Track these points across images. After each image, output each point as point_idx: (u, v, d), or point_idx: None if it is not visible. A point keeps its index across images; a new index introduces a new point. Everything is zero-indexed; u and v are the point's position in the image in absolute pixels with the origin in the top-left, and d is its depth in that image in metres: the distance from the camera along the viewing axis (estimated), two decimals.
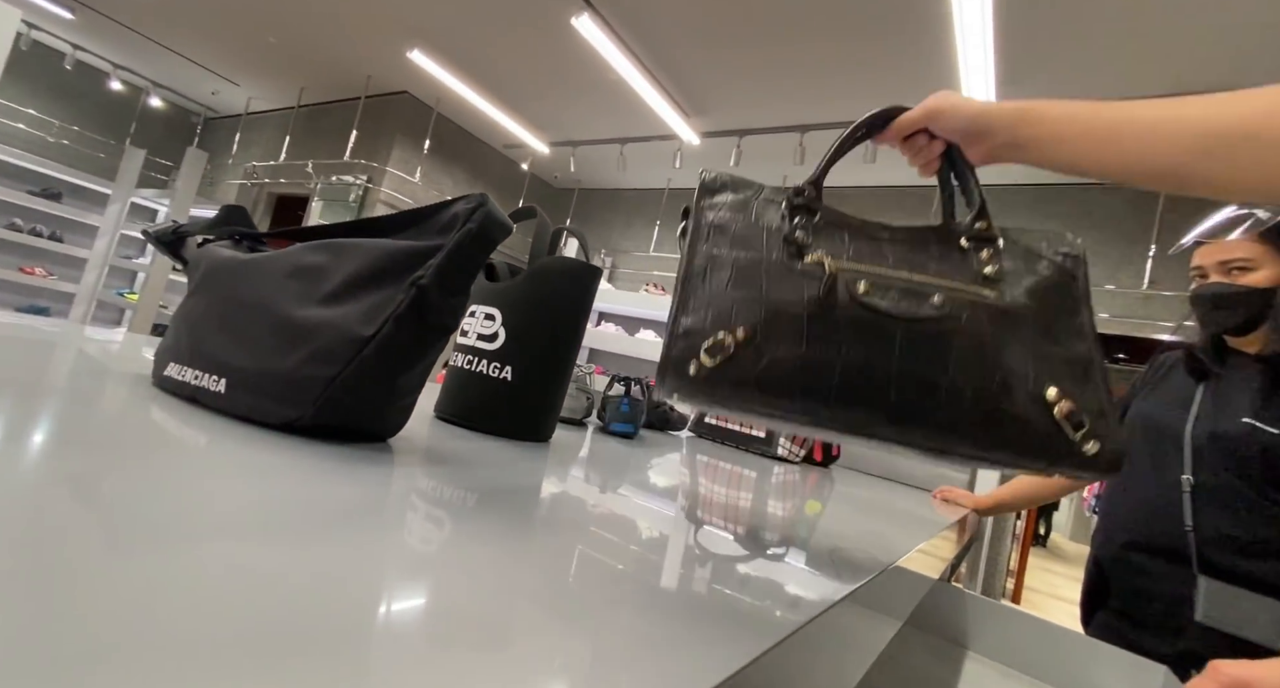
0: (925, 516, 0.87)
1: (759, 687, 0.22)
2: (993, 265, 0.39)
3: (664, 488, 0.56)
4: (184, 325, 0.41)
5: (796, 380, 0.37)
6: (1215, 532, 0.78)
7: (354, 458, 0.35)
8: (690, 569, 0.32)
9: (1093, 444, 0.35)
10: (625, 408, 0.93)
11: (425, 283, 0.39)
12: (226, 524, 0.21)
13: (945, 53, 2.86)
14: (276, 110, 5.83)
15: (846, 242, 0.41)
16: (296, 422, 0.36)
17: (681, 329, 0.39)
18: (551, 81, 4.06)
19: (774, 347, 0.37)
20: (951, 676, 0.80)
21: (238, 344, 0.38)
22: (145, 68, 5.47)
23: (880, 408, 0.36)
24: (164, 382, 0.40)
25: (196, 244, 0.49)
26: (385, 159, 4.75)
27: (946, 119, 0.45)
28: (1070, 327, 0.38)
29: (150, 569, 0.16)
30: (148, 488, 0.23)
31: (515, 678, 0.16)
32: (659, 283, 4.83)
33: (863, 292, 0.38)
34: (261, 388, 0.36)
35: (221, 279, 0.41)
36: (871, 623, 0.39)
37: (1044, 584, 4.66)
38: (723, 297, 0.39)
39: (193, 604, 0.15)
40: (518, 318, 0.60)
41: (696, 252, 0.42)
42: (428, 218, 0.43)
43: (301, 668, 0.13)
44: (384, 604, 0.18)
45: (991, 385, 0.35)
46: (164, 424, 0.35)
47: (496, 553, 0.26)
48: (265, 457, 0.32)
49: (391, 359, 0.38)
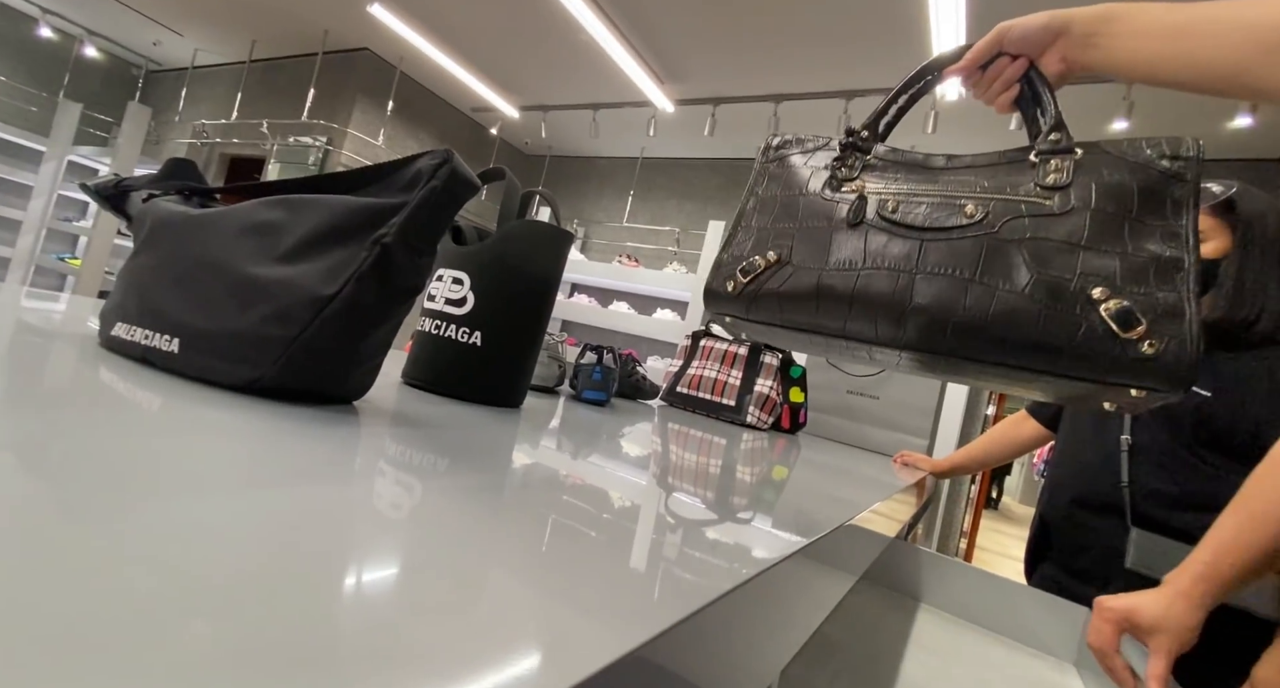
0: (884, 479, 0.91)
1: (718, 630, 0.23)
2: (1058, 174, 0.38)
3: (633, 452, 0.56)
4: (131, 283, 0.39)
5: (818, 292, 0.38)
6: (1148, 487, 0.83)
7: (317, 419, 0.35)
8: (654, 527, 0.33)
9: (1149, 345, 0.32)
10: (597, 376, 0.93)
11: (389, 241, 0.38)
12: (184, 482, 0.21)
13: (918, 24, 2.85)
14: (226, 65, 5.47)
15: (897, 174, 0.42)
16: (255, 383, 0.35)
17: (722, 260, 0.44)
18: (520, 42, 3.90)
19: (801, 264, 0.40)
20: (905, 625, 0.85)
21: (191, 303, 0.36)
22: (77, 13, 5.04)
23: (901, 315, 0.36)
24: (111, 342, 0.39)
25: (141, 199, 0.47)
26: (346, 120, 4.53)
27: (1021, 28, 0.45)
28: (1150, 229, 0.35)
29: (106, 529, 0.16)
30: (99, 448, 0.22)
31: (481, 622, 0.16)
32: (632, 254, 4.79)
33: (891, 209, 0.39)
34: (218, 348, 0.35)
35: (171, 235, 0.39)
36: (827, 576, 0.41)
37: (995, 544, 4.95)
38: (763, 229, 0.43)
39: (151, 562, 0.15)
40: (487, 282, 0.60)
41: (749, 196, 0.46)
42: (390, 174, 0.41)
43: (260, 621, 0.13)
44: (346, 557, 0.18)
45: (1024, 287, 0.34)
46: (114, 385, 0.34)
47: (462, 507, 0.26)
48: (223, 416, 0.31)
49: (354, 320, 0.37)
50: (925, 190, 0.40)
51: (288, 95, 4.81)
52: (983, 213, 0.37)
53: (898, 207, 0.39)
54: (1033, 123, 0.44)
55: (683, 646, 0.20)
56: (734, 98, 3.93)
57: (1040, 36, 0.44)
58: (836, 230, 0.40)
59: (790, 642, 0.36)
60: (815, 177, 0.43)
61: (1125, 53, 0.42)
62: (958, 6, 2.58)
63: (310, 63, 4.63)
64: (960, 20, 2.67)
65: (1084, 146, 0.39)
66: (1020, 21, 0.45)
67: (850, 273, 0.38)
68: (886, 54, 3.19)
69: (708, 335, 1.41)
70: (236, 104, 4.94)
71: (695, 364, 1.36)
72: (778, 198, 0.43)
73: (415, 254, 0.40)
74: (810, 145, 0.46)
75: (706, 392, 1.29)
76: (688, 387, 1.32)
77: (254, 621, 0.13)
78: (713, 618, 0.22)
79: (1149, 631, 0.56)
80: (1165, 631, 0.55)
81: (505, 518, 0.27)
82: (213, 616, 0.13)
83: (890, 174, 0.42)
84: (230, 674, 0.11)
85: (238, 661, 0.11)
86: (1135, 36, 0.42)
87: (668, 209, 5.32)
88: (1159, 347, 0.32)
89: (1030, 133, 0.43)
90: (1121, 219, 0.36)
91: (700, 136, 3.99)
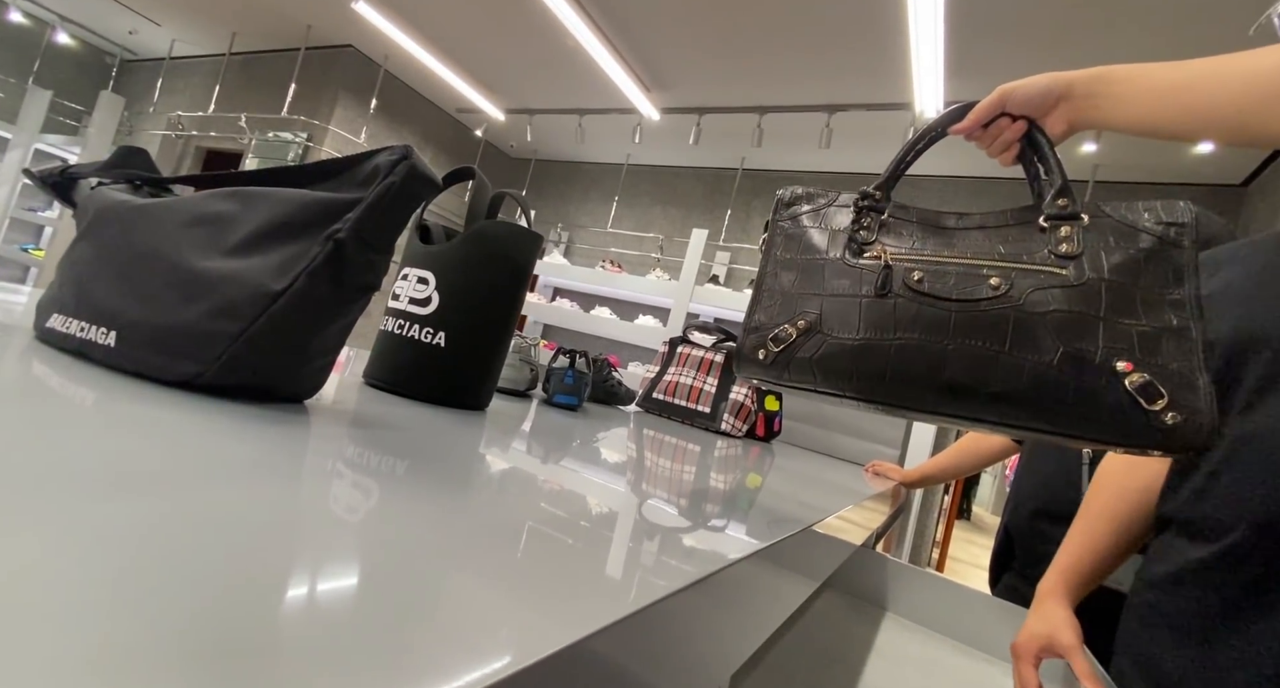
0: (852, 487, 0.91)
1: (667, 628, 0.23)
2: (1069, 243, 0.39)
3: (600, 458, 0.56)
4: (70, 274, 0.38)
5: (853, 363, 0.40)
6: None
7: (261, 417, 0.34)
8: (613, 528, 0.32)
9: (1173, 416, 0.33)
10: (569, 380, 0.92)
11: (343, 237, 0.37)
12: (110, 480, 0.20)
13: (899, 41, 2.91)
14: (205, 57, 5.37)
15: (913, 234, 0.43)
16: (196, 379, 0.34)
17: (752, 325, 0.45)
18: (507, 44, 3.90)
19: (832, 334, 0.41)
20: (869, 633, 0.85)
21: (131, 295, 0.35)
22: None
23: (934, 385, 0.38)
24: (47, 334, 0.37)
25: (90, 187, 0.45)
26: (328, 117, 4.47)
27: (1023, 92, 0.46)
28: (1161, 298, 0.36)
29: (26, 526, 0.15)
30: (21, 443, 0.21)
31: (422, 613, 0.16)
32: (615, 260, 4.79)
33: (917, 280, 0.40)
34: (157, 342, 0.34)
35: (113, 224, 0.38)
36: (785, 580, 0.41)
37: (967, 555, 5.02)
38: (789, 294, 0.44)
39: (74, 560, 0.14)
40: (453, 282, 0.59)
41: (769, 258, 0.47)
42: (347, 169, 0.41)
43: (181, 617, 0.13)
44: (284, 555, 0.18)
45: (1052, 359, 0.35)
46: (45, 379, 0.32)
47: (409, 507, 0.25)
48: (157, 413, 0.30)
49: (304, 316, 0.36)
50: (946, 257, 0.41)
51: (268, 90, 4.73)
52: (1007, 285, 0.38)
53: (924, 278, 0.40)
54: (1035, 180, 0.45)
55: (630, 641, 0.20)
56: (719, 108, 3.97)
57: (1042, 100, 0.45)
58: (865, 299, 0.41)
59: (743, 645, 0.35)
60: (834, 240, 0.44)
61: (1127, 111, 0.44)
62: (936, 28, 2.65)
63: (292, 57, 4.56)
64: (939, 38, 2.73)
65: (1089, 211, 0.40)
66: (1022, 85, 0.46)
67: (883, 344, 0.39)
68: (867, 71, 3.26)
69: (685, 342, 1.42)
70: (214, 97, 4.85)
71: (672, 370, 1.36)
72: (797, 261, 0.45)
73: (370, 251, 0.39)
74: (821, 201, 0.47)
75: (682, 398, 1.29)
76: (663, 393, 1.32)
77: (138, 624, 0.12)
78: (661, 615, 0.21)
79: (1059, 646, 0.61)
80: (1062, 638, 0.60)
81: (457, 516, 0.26)
82: (80, 621, 0.12)
83: (906, 233, 0.44)
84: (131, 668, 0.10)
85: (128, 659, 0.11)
86: (1136, 95, 0.43)
87: (652, 215, 5.34)
88: (1180, 418, 0.34)
89: (1033, 190, 0.45)
90: (1132, 289, 0.37)
91: (685, 145, 4.02)
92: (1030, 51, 2.82)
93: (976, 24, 2.72)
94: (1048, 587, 0.67)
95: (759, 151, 4.34)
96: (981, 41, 2.83)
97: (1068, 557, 0.68)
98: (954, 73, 3.02)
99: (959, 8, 2.60)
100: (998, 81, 0.47)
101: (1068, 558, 0.68)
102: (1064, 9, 2.55)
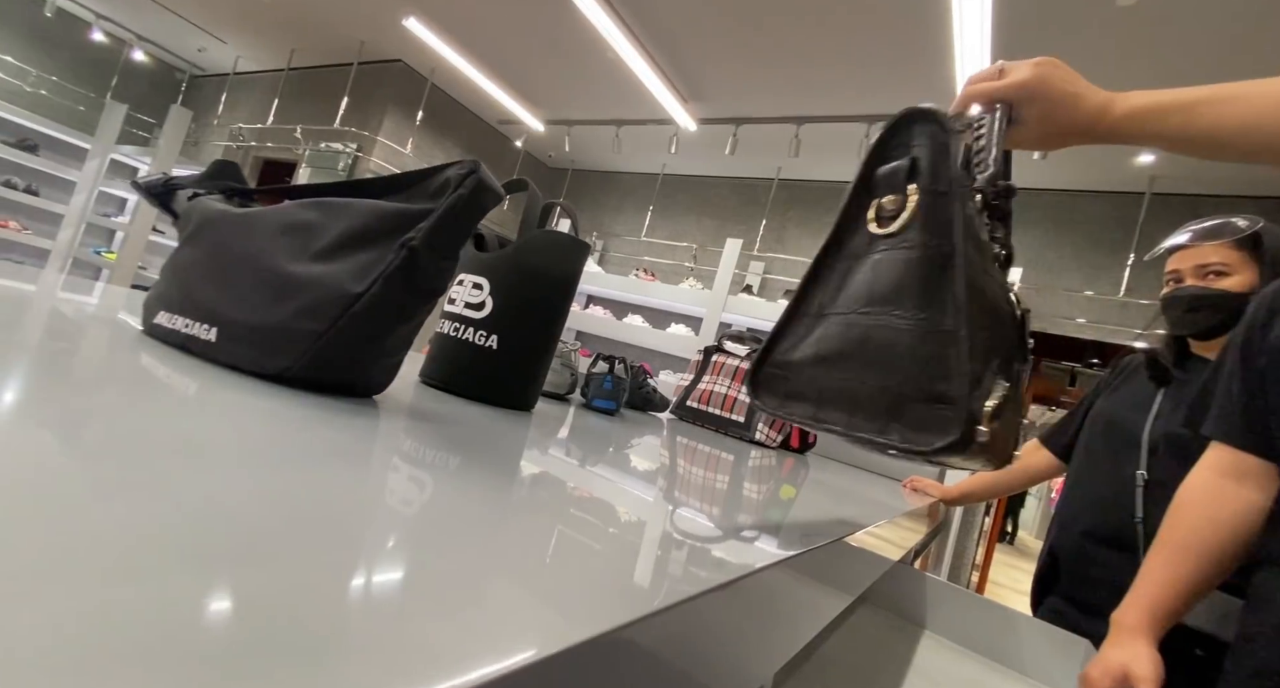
0: (889, 503, 0.90)
1: (706, 623, 0.24)
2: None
3: (640, 463, 0.58)
4: (175, 275, 0.42)
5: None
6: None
7: (339, 409, 0.37)
8: (651, 529, 0.34)
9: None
10: (608, 385, 0.94)
11: (416, 245, 0.40)
12: (216, 457, 0.23)
13: (942, 52, 2.87)
14: (265, 72, 5.67)
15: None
16: (285, 373, 0.37)
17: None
18: (549, 58, 4.00)
19: None
20: (906, 650, 0.84)
21: (230, 295, 0.38)
22: (130, 19, 5.27)
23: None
24: (154, 329, 0.41)
25: (187, 197, 0.49)
26: (376, 128, 4.66)
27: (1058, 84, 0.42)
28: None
29: (150, 495, 0.18)
30: (142, 424, 0.24)
31: (472, 594, 0.17)
32: (649, 268, 4.83)
33: None
34: (252, 338, 0.37)
35: (215, 231, 0.42)
36: (820, 591, 0.42)
37: (1007, 579, 4.82)
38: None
39: (190, 522, 0.17)
40: (506, 288, 0.62)
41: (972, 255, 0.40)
42: (418, 182, 0.44)
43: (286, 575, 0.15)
44: (372, 526, 0.20)
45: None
46: (153, 369, 0.36)
47: (474, 496, 0.27)
48: (254, 401, 0.33)
49: (379, 317, 0.39)
50: None
51: (322, 103, 4.96)
52: None
53: None
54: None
55: (669, 633, 0.21)
56: (756, 118, 3.97)
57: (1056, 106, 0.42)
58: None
59: (784, 647, 0.36)
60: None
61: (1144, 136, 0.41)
62: (982, 37, 2.60)
63: (345, 72, 4.78)
64: (984, 48, 2.68)
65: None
66: (1068, 75, 0.42)
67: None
68: (909, 81, 3.22)
69: (720, 351, 1.42)
70: (273, 110, 5.11)
71: (706, 379, 1.37)
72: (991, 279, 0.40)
73: (439, 258, 0.42)
74: None
75: (716, 407, 1.30)
76: (698, 401, 1.33)
77: (253, 592, 0.14)
78: (699, 610, 0.23)
79: (1137, 679, 0.58)
80: (1140, 670, 0.58)
81: (513, 509, 0.28)
82: (210, 583, 0.14)
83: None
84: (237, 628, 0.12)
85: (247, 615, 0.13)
86: (1162, 110, 0.40)
87: (686, 225, 5.36)
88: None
89: None
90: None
91: (721, 155, 4.04)
92: (1081, 53, 2.74)
93: (1027, 36, 2.66)
94: (1129, 620, 0.64)
95: (795, 162, 4.32)
96: (1029, 51, 2.76)
97: (1151, 588, 0.65)
98: None
99: (1007, 17, 2.55)
100: None
101: (1150, 589, 0.64)
102: (1116, 26, 2.48)
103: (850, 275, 0.37)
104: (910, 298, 0.33)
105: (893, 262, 0.34)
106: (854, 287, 0.36)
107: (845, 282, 0.37)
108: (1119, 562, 0.86)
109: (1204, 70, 2.58)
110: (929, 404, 0.31)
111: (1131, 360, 1.05)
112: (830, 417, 0.36)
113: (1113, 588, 0.86)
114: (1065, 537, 0.95)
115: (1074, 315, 3.71)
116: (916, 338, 0.32)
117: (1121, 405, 0.98)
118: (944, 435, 0.31)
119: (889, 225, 0.35)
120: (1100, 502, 0.91)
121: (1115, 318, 3.61)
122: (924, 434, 0.31)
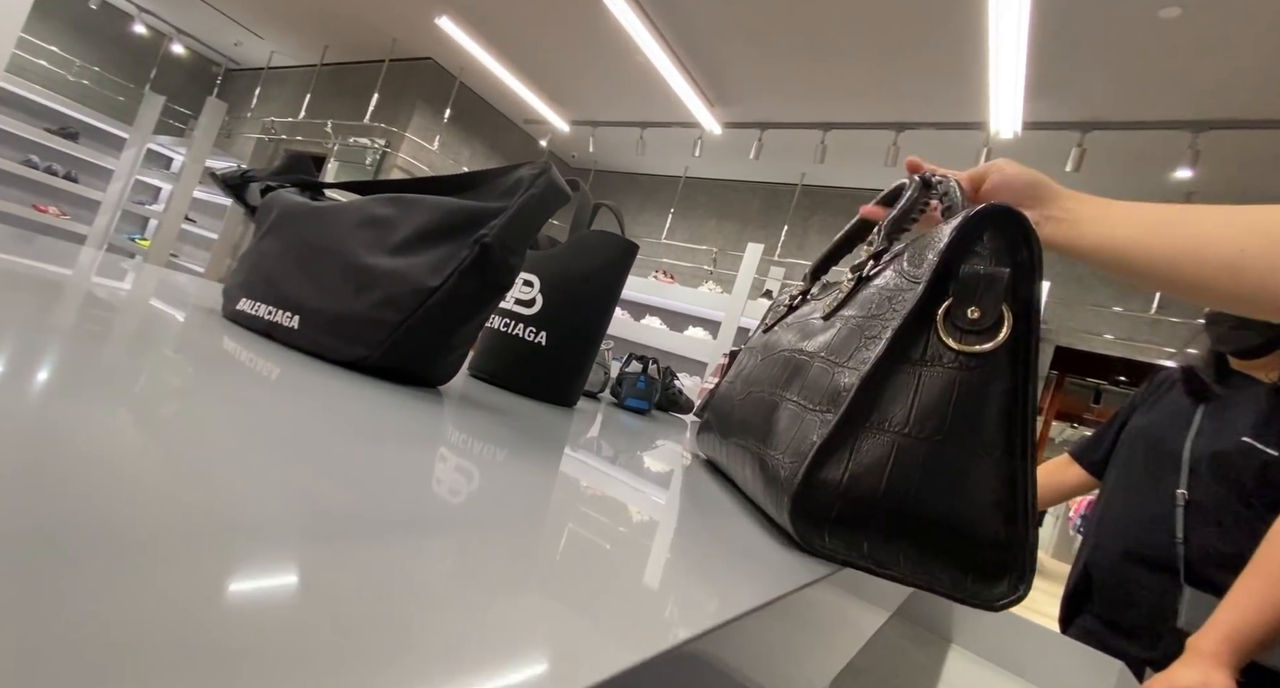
0: None
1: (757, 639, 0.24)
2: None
3: (678, 461, 0.58)
4: (257, 264, 0.43)
5: None
6: (1204, 545, 0.81)
7: (412, 397, 0.38)
8: (693, 540, 0.34)
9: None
10: (641, 385, 0.95)
11: (489, 241, 0.41)
12: (305, 435, 0.24)
13: (977, 61, 2.84)
14: (298, 67, 5.78)
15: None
16: (363, 361, 0.38)
17: None
18: (577, 59, 4.03)
19: None
20: (934, 664, 0.83)
21: (312, 285, 0.40)
22: (170, 13, 5.41)
23: None
24: (236, 315, 0.43)
25: (260, 190, 0.51)
26: (405, 125, 4.72)
27: (1007, 177, 0.44)
28: None
29: (252, 465, 0.19)
30: (237, 400, 0.26)
31: (529, 590, 0.18)
32: (668, 271, 4.84)
33: None
34: (333, 327, 0.39)
35: (295, 223, 0.43)
36: (861, 608, 0.42)
37: (1026, 599, 4.73)
38: None
39: (296, 492, 0.18)
40: (556, 286, 0.63)
41: None
42: (492, 180, 0.45)
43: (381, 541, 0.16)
44: (454, 497, 0.21)
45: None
46: (237, 354, 0.37)
47: (532, 477, 0.28)
48: (335, 385, 0.34)
49: (453, 310, 0.40)
50: None
51: (352, 98, 5.04)
52: None
53: None
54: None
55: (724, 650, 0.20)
56: (782, 124, 3.96)
57: (1018, 196, 0.43)
58: None
59: (831, 662, 0.37)
60: None
61: (1100, 232, 0.40)
62: (1019, 45, 2.57)
63: (376, 69, 4.86)
64: (1020, 56, 2.65)
65: None
66: (1010, 170, 0.44)
67: None
68: (940, 88, 3.19)
69: None
70: (305, 104, 5.21)
71: None
72: None
73: (510, 254, 0.43)
74: None
75: None
76: None
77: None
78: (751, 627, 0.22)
79: None
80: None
81: (569, 502, 0.29)
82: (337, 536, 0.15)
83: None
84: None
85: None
86: (1118, 220, 0.39)
87: (707, 228, 5.36)
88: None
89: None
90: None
91: (745, 159, 4.03)
92: (1116, 72, 2.70)
93: (1065, 43, 2.63)
94: (1207, 646, 0.62)
95: (820, 168, 4.31)
96: (1066, 61, 2.73)
97: (1233, 616, 0.62)
98: (1035, 94, 2.92)
99: (1045, 25, 2.52)
100: (1079, 106, 0.45)
101: (1233, 618, 0.62)
102: (1156, 32, 2.44)
103: (918, 390, 0.29)
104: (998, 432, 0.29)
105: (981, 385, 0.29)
106: (925, 402, 0.29)
107: (915, 396, 0.29)
108: (1158, 583, 0.84)
109: (1248, 78, 2.52)
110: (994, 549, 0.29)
111: (1167, 376, 1.03)
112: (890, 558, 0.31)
113: (1150, 608, 0.85)
114: (1101, 556, 0.93)
115: (1101, 331, 3.64)
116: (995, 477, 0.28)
117: (1160, 422, 0.96)
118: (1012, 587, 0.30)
119: (972, 343, 0.29)
120: (1139, 521, 0.90)
121: (1145, 335, 3.54)
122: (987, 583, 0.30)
